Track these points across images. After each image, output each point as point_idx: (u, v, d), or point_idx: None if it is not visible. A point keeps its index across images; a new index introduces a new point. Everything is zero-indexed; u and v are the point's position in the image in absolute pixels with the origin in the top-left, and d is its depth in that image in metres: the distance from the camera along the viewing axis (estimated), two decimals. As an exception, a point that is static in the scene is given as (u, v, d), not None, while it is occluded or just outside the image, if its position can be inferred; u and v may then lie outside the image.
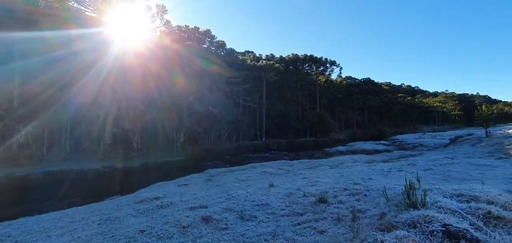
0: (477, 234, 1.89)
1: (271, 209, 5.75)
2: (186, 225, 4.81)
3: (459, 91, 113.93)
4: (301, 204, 5.79)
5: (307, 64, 49.37)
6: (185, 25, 38.17)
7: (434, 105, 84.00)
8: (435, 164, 9.31)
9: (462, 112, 79.24)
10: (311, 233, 3.69)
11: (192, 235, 4.30)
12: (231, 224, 4.88)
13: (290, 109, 43.21)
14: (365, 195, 5.42)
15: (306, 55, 48.30)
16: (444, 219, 2.04)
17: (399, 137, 39.59)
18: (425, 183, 5.56)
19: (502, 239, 1.90)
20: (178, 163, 24.71)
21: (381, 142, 35.01)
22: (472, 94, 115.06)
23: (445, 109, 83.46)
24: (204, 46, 41.67)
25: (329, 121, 45.83)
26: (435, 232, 1.89)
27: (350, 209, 4.31)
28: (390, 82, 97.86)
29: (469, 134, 21.25)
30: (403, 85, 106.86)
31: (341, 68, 52.94)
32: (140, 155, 25.06)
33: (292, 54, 48.81)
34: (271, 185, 8.27)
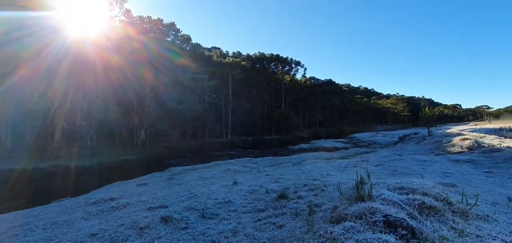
0: (412, 222, 2.11)
1: (233, 206, 5.77)
2: (144, 226, 4.61)
3: (408, 94, 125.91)
4: (263, 200, 5.90)
5: (273, 63, 50.29)
6: (148, 16, 36.20)
7: (387, 106, 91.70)
8: (385, 160, 10.20)
9: (410, 113, 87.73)
10: (271, 228, 3.80)
11: (150, 236, 4.14)
12: (192, 223, 4.80)
13: (256, 107, 43.67)
14: (322, 190, 5.72)
15: (272, 55, 49.18)
16: (386, 210, 2.24)
17: (356, 135, 42.49)
18: (376, 178, 6.05)
19: (432, 225, 2.17)
20: (138, 161, 23.47)
21: (340, 140, 37.20)
22: (418, 97, 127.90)
23: (396, 110, 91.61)
24: (168, 39, 40.00)
25: (294, 119, 47.32)
26: (377, 222, 2.07)
27: (308, 203, 4.52)
28: (349, 84, 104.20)
29: (414, 133, 23.75)
30: (360, 87, 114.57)
31: (305, 68, 55.01)
32: (95, 153, 23.25)
33: (258, 52, 49.36)
34: (235, 183, 8.29)
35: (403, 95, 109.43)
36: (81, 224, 5.31)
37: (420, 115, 20.48)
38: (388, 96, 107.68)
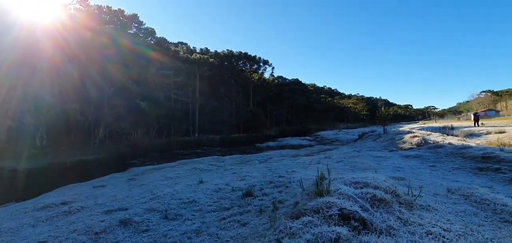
0: (364, 214, 2.26)
1: (198, 205, 5.67)
2: (100, 231, 4.32)
3: (367, 94, 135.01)
4: (228, 199, 5.88)
5: (241, 62, 50.27)
6: (107, 6, 33.75)
7: (349, 105, 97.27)
8: (345, 157, 10.81)
9: (369, 113, 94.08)
10: (235, 226, 3.81)
11: (106, 241, 3.89)
12: (153, 225, 4.61)
13: (224, 105, 43.31)
14: (287, 186, 5.87)
15: (241, 53, 49.11)
16: (341, 204, 2.37)
17: (321, 133, 44.39)
18: (336, 173, 6.38)
19: (382, 216, 2.34)
20: (96, 162, 21.85)
21: (306, 137, 38.53)
22: (376, 97, 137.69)
23: (356, 110, 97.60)
24: (131, 32, 37.72)
25: (261, 117, 47.89)
26: (333, 216, 2.18)
27: (272, 200, 4.61)
28: (315, 84, 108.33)
29: (372, 131, 25.59)
30: (325, 87, 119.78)
31: (273, 67, 55.90)
32: (47, 153, 21.13)
33: (227, 50, 48.90)
34: (201, 182, 8.15)
35: (363, 96, 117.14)
36: (28, 231, 4.81)
37: (377, 114, 22.15)
38: (349, 96, 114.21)
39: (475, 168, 6.73)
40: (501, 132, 13.25)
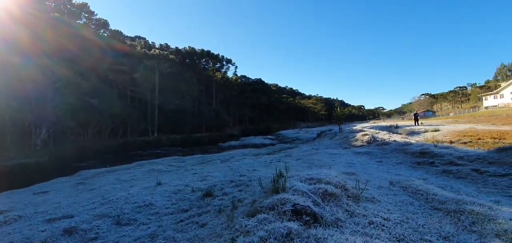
0: (315, 209, 2.38)
1: (155, 209, 5.42)
2: (40, 242, 3.88)
3: (326, 95, 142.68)
4: (188, 200, 5.73)
5: (204, 60, 49.24)
6: (52, -8, 30.25)
7: (309, 105, 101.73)
8: (304, 155, 11.29)
9: (327, 112, 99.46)
10: (193, 228, 3.72)
11: (47, 253, 3.51)
12: (103, 232, 4.29)
13: (186, 104, 41.98)
14: (247, 185, 5.92)
15: (203, 50, 48.06)
16: (295, 200, 2.46)
17: (283, 132, 45.71)
18: (295, 171, 6.61)
19: (331, 210, 2.50)
20: (38, 165, 19.53)
21: (268, 136, 39.31)
22: (333, 98, 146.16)
23: (316, 109, 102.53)
24: (80, 22, 34.36)
25: (224, 117, 47.54)
26: (287, 212, 2.26)
27: (232, 200, 4.61)
28: (277, 84, 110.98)
29: (329, 130, 27.14)
30: (287, 87, 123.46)
31: (236, 67, 55.83)
32: (-30, 157, 18.21)
33: (189, 47, 47.47)
34: (159, 183, 7.80)
35: (322, 96, 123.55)
36: None
37: (333, 114, 23.58)
38: (309, 97, 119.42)
39: (414, 162, 7.57)
40: (435, 131, 15.09)
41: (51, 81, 24.47)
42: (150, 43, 50.84)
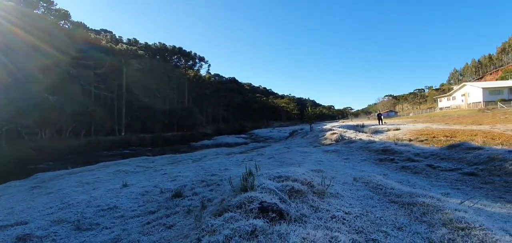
0: (282, 205, 2.44)
1: (120, 212, 5.18)
2: (-14, 253, 3.51)
3: (298, 95, 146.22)
4: (156, 201, 5.54)
5: (176, 57, 47.82)
6: (2, -23, 27.30)
7: (282, 105, 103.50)
8: (276, 153, 11.49)
9: (299, 112, 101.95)
10: (160, 229, 3.61)
11: (-7, 265, 3.19)
12: (61, 238, 4.00)
13: (156, 102, 40.47)
14: (218, 184, 5.88)
15: (175, 47, 46.65)
16: (262, 197, 2.50)
17: (256, 131, 46.02)
18: (266, 169, 6.69)
19: (297, 206, 2.57)
20: (-15, 168, 17.54)
21: (242, 135, 39.33)
22: (305, 98, 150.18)
23: (288, 109, 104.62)
24: (37, 11, 31.49)
25: (197, 116, 46.63)
26: (253, 209, 2.29)
27: (202, 200, 4.55)
28: (251, 83, 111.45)
29: (301, 129, 27.94)
30: (260, 86, 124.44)
31: (209, 65, 55.02)
32: None
33: (159, 43, 45.76)
34: (125, 185, 7.46)
35: (294, 96, 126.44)
36: None
37: (305, 113, 24.33)
38: (282, 96, 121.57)
39: (377, 159, 8.07)
40: (397, 129, 16.20)
41: (3, 76, 22.14)
42: (117, 37, 48.14)
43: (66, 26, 36.30)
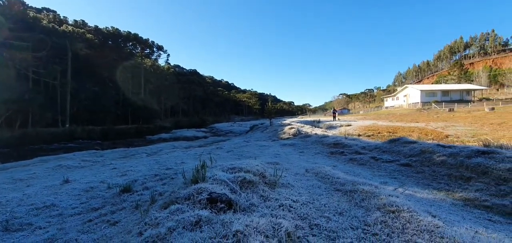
0: (232, 196, 2.43)
1: (58, 210, 4.69)
2: None
3: (260, 90, 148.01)
4: (101, 198, 5.14)
5: (131, 43, 44.49)
6: None
7: (243, 100, 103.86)
8: (235, 147, 11.49)
9: (261, 107, 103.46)
10: (102, 227, 3.35)
11: None
12: (-18, 242, 3.48)
13: (108, 91, 37.30)
14: (172, 178, 5.68)
15: (129, 33, 43.35)
16: (212, 188, 2.46)
17: (217, 125, 45.43)
18: (223, 162, 6.65)
19: (247, 196, 2.59)
20: None
21: (202, 129, 38.48)
22: (267, 93, 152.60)
23: (250, 104, 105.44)
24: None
25: (154, 108, 44.24)
26: (202, 200, 2.24)
27: (152, 194, 4.33)
28: (212, 77, 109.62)
29: (261, 123, 28.40)
30: (222, 80, 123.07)
31: (168, 55, 52.40)
32: None
33: (111, 27, 42.01)
34: (66, 181, 6.78)
35: (256, 91, 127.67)
36: None
37: (265, 108, 24.78)
38: (244, 91, 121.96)
39: (329, 152, 8.58)
40: (348, 125, 17.46)
41: None
42: (62, 17, 42.96)
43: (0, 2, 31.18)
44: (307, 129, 15.32)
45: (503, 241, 2.17)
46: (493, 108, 24.42)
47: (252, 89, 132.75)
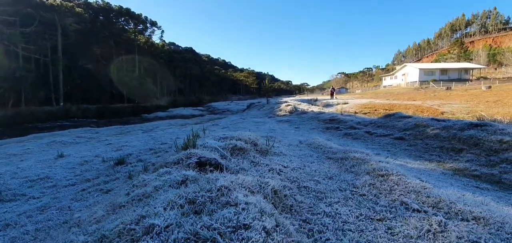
0: (221, 161, 2.42)
1: (52, 182, 4.69)
2: None
3: (258, 69, 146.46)
4: (96, 170, 5.14)
5: (123, 18, 43.05)
6: None
7: (241, 79, 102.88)
8: (231, 123, 11.47)
9: (258, 86, 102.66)
10: (95, 195, 3.36)
11: None
12: (-26, 212, 3.48)
13: (101, 69, 36.56)
14: (166, 151, 5.66)
15: (121, 7, 41.81)
16: (202, 154, 2.44)
17: (214, 104, 45.19)
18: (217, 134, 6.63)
19: (237, 161, 2.58)
20: None
21: (199, 108, 38.28)
22: (264, 72, 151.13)
23: (247, 83, 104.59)
24: None
25: (150, 86, 43.64)
26: (191, 164, 2.22)
27: (146, 164, 4.33)
28: (209, 55, 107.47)
29: (258, 102, 28.31)
30: (219, 59, 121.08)
31: (162, 31, 50.96)
32: None
33: (102, 1, 40.45)
34: (61, 156, 6.74)
35: (253, 70, 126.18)
36: None
37: (262, 87, 24.61)
38: (242, 70, 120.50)
39: (324, 127, 8.60)
40: (345, 103, 17.46)
41: None
42: (50, -9, 41.12)
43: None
44: (304, 106, 15.29)
45: (489, 203, 2.21)
46: (490, 87, 24.49)
47: (249, 68, 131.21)
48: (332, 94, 27.91)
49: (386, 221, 1.65)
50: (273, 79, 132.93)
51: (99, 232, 1.28)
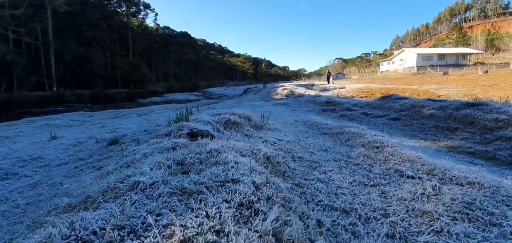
0: (214, 133, 2.36)
1: (45, 161, 4.63)
2: None
3: (254, 55, 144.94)
4: (89, 150, 5.07)
5: (115, 1, 41.84)
6: None
7: (237, 64, 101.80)
8: (227, 107, 11.37)
9: (255, 71, 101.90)
10: (87, 172, 3.31)
11: None
12: (-35, 191, 3.42)
13: (94, 53, 35.79)
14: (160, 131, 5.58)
15: (113, -11, 40.56)
16: (195, 126, 2.39)
17: (210, 89, 44.82)
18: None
19: (230, 134, 2.53)
20: None
21: (195, 93, 37.96)
22: (261, 58, 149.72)
23: (244, 68, 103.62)
24: None
25: (145, 71, 42.93)
26: (182, 135, 2.17)
27: (138, 140, 4.28)
28: (205, 40, 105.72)
29: (255, 87, 28.18)
30: (215, 44, 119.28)
31: (156, 14, 49.72)
32: None
33: (94, -17, 39.12)
34: (54, 137, 6.66)
35: (250, 56, 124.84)
36: None
37: (258, 71, 24.45)
38: (238, 55, 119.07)
39: (321, 110, 8.57)
40: (342, 88, 17.37)
41: None
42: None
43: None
44: (301, 90, 15.21)
45: (482, 173, 2.20)
46: (486, 71, 24.55)
47: (246, 53, 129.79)
48: (328, 79, 27.80)
49: (380, 186, 1.62)
50: (270, 64, 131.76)
51: (84, 194, 1.23)
